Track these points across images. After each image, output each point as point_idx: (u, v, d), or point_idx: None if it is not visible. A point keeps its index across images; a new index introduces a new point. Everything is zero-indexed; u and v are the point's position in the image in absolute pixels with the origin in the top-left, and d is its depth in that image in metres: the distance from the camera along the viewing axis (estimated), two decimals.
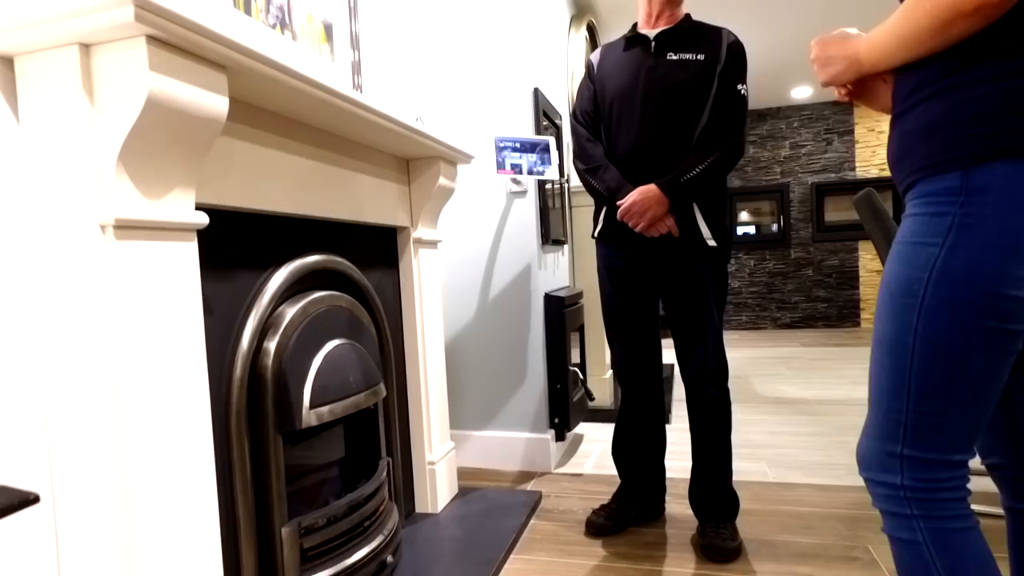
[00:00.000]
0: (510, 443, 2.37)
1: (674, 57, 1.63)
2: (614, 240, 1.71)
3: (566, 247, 2.86)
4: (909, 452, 0.80)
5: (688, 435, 1.78)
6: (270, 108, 1.23)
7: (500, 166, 2.02)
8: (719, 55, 1.62)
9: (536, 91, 2.33)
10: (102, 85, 0.85)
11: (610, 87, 1.70)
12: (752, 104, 6.16)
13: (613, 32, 3.95)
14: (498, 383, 2.39)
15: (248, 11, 1.37)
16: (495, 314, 2.37)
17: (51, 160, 0.87)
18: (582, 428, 2.88)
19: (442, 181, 1.86)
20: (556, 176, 2.06)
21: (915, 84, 0.83)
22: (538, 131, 2.33)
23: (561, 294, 2.44)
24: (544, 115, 2.45)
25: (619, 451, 1.84)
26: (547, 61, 2.64)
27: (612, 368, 1.82)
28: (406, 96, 2.13)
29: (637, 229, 1.60)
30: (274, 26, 1.46)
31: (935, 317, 0.77)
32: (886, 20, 0.83)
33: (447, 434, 2.03)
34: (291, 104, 1.22)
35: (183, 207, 0.96)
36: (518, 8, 2.30)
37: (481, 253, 2.36)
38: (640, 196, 1.57)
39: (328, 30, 1.69)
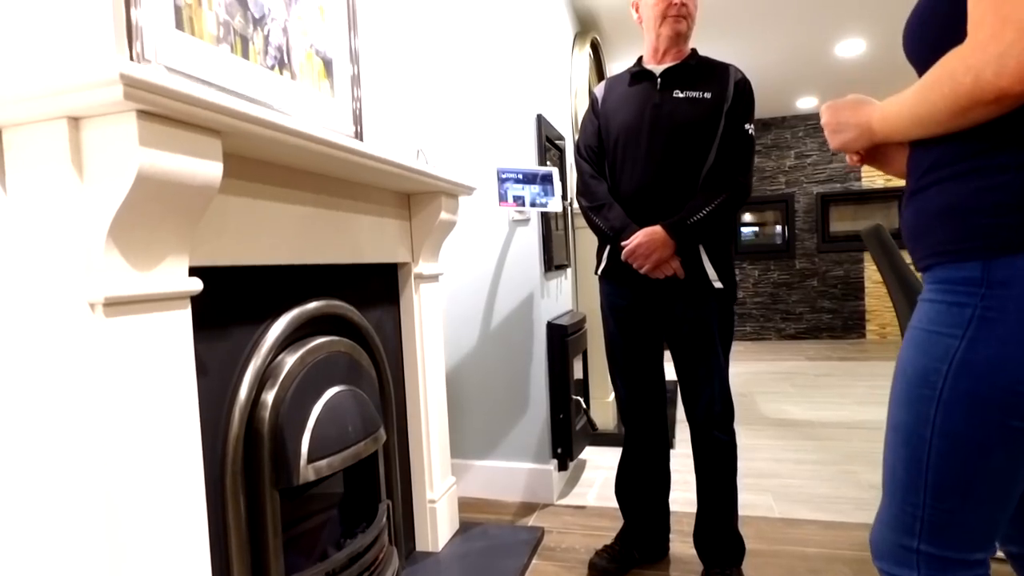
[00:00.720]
0: (512, 473, 2.34)
1: (680, 95, 1.60)
2: (618, 278, 1.68)
3: (569, 270, 2.82)
4: (926, 548, 0.77)
5: (691, 461, 1.74)
6: (267, 160, 1.21)
7: (502, 198, 1.99)
8: (726, 93, 1.59)
9: (539, 117, 2.30)
10: (91, 159, 0.83)
11: (615, 123, 1.67)
12: (757, 114, 6.12)
13: (618, 49, 3.92)
14: (500, 412, 2.36)
15: (246, 54, 1.35)
16: (497, 342, 2.34)
17: (38, 234, 0.84)
18: (585, 453, 2.85)
19: (443, 216, 1.83)
20: (559, 208, 2.03)
21: (932, 162, 0.80)
22: (541, 158, 2.30)
23: (564, 321, 2.41)
24: (547, 140, 2.42)
25: (622, 491, 1.81)
26: (550, 84, 2.62)
27: (616, 405, 1.78)
28: (407, 127, 2.10)
29: (642, 271, 1.58)
30: (272, 67, 1.43)
31: (954, 412, 0.74)
32: (902, 93, 0.80)
33: (448, 469, 2.00)
34: (289, 156, 1.19)
35: (176, 276, 0.94)
36: (521, 32, 2.27)
37: (483, 280, 2.33)
38: (645, 238, 1.54)
39: (328, 65, 1.66)
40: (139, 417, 0.87)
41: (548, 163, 2.48)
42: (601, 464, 2.70)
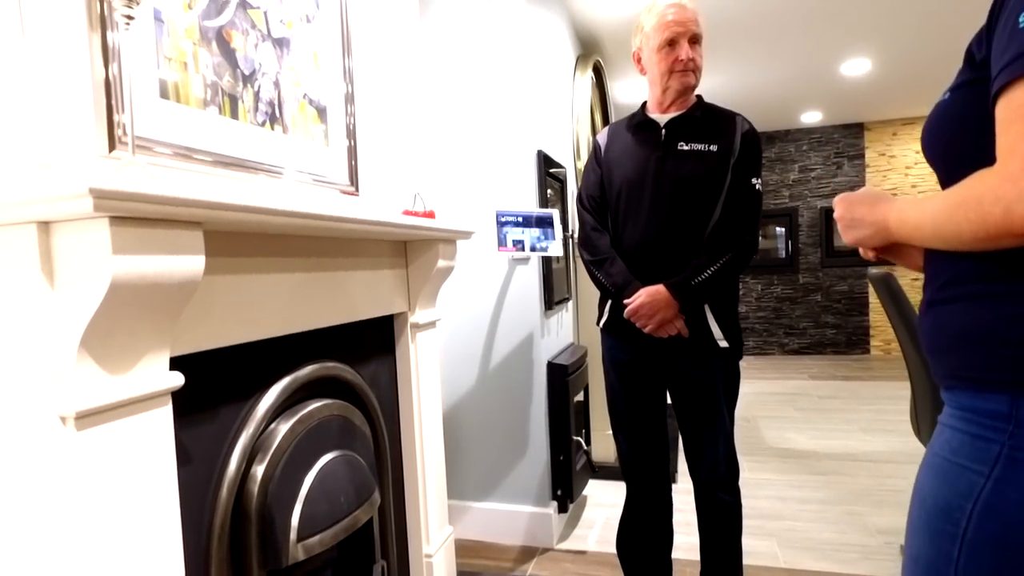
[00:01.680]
0: (511, 516, 2.29)
1: (685, 147, 1.55)
2: (620, 333, 1.63)
3: (570, 303, 2.77)
4: None
5: (692, 497, 1.70)
6: (254, 232, 1.16)
7: (501, 243, 1.94)
8: (733, 146, 1.54)
9: (540, 153, 2.26)
10: (63, 265, 0.78)
11: (618, 174, 1.62)
12: (761, 127, 6.06)
13: (620, 68, 3.86)
14: (499, 453, 2.31)
15: (235, 114, 1.30)
16: (497, 382, 2.30)
17: (6, 343, 0.80)
18: (586, 488, 2.80)
19: (441, 263, 1.78)
20: (559, 252, 1.98)
21: (953, 275, 0.75)
22: (542, 194, 2.25)
23: (564, 360, 2.36)
24: (548, 175, 2.37)
25: (624, 549, 1.76)
26: (551, 115, 2.57)
27: (618, 460, 1.74)
28: (404, 168, 2.05)
29: (645, 331, 1.53)
30: (263, 123, 1.39)
31: (981, 555, 0.69)
32: (924, 201, 0.75)
33: (445, 518, 1.96)
34: (277, 228, 1.14)
35: (155, 374, 0.89)
36: (522, 63, 2.22)
37: (483, 319, 2.28)
38: (649, 298, 1.49)
39: (322, 113, 1.62)
40: (114, 527, 0.82)
41: (549, 192, 2.43)
42: (602, 501, 2.65)
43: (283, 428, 1.28)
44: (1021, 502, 0.66)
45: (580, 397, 2.59)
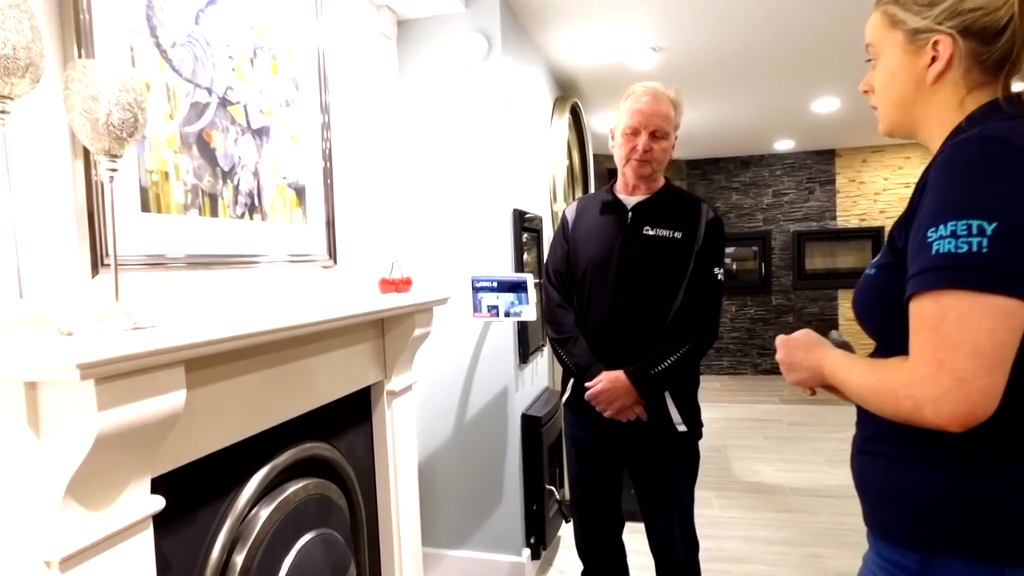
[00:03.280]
0: (486, 564, 2.35)
1: (651, 232, 1.62)
2: (581, 411, 1.69)
3: (546, 348, 2.84)
4: None
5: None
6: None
7: (476, 309, 2.00)
8: (697, 234, 1.61)
9: (515, 212, 2.32)
10: (48, 420, 0.82)
11: (583, 253, 1.68)
12: (736, 152, 6.20)
13: (597, 105, 3.94)
14: (474, 502, 2.37)
15: (215, 212, 1.34)
16: (472, 434, 2.35)
17: None
18: (559, 531, 2.86)
19: (417, 332, 1.83)
20: (533, 317, 2.05)
21: (877, 431, 0.83)
22: (518, 253, 2.31)
23: (537, 410, 2.42)
24: (523, 229, 2.43)
25: None
26: (528, 166, 2.63)
27: (574, 535, 1.80)
28: (382, 235, 2.10)
29: (605, 415, 1.59)
30: (242, 215, 1.43)
31: None
32: (853, 363, 0.82)
33: (420, 573, 2.01)
34: (256, 342, 1.18)
35: (136, 502, 0.93)
36: (499, 118, 2.27)
37: (458, 374, 2.34)
38: (609, 384, 1.55)
39: (300, 193, 1.66)
40: None
41: (525, 237, 2.49)
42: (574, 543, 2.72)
43: (263, 514, 1.32)
44: None
45: (554, 440, 2.65)
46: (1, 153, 0.86)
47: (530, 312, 2.02)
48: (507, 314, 1.99)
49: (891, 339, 0.79)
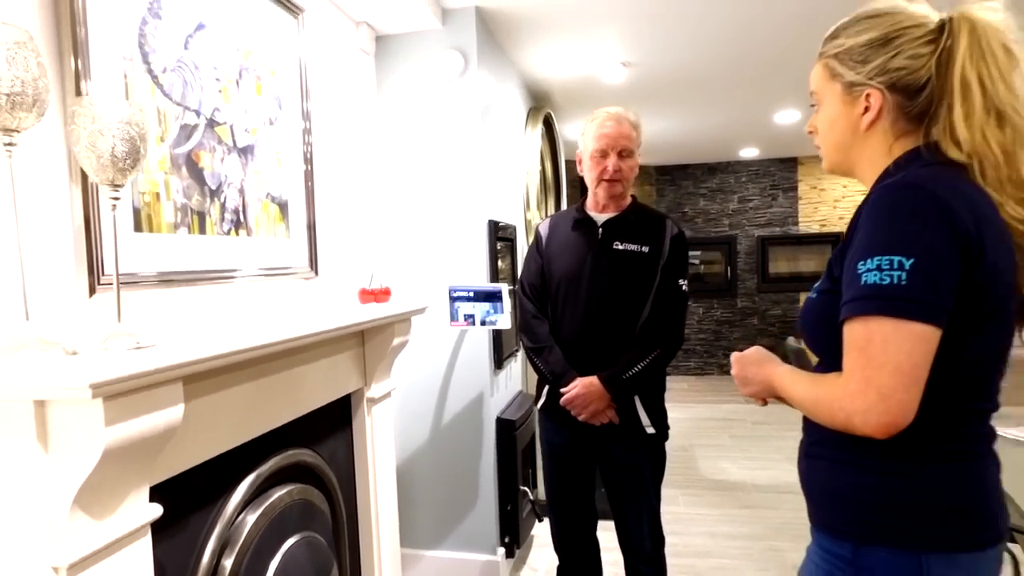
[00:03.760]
0: (462, 563, 2.42)
1: (620, 247, 1.71)
2: (555, 416, 1.78)
3: (520, 353, 2.92)
4: None
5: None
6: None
7: (453, 318, 2.07)
8: (663, 248, 1.71)
9: (490, 223, 2.39)
10: (56, 435, 0.87)
11: (557, 267, 1.77)
12: (703, 159, 6.38)
13: (570, 114, 4.04)
14: (451, 503, 2.44)
15: (203, 229, 1.39)
16: (448, 437, 2.42)
17: (2, 502, 0.88)
18: (532, 530, 2.95)
19: (396, 341, 1.90)
20: (508, 325, 2.13)
21: (819, 437, 0.93)
22: (493, 262, 2.39)
23: (511, 414, 2.51)
24: (498, 239, 2.51)
25: None
26: (503, 176, 2.71)
27: (551, 533, 1.89)
28: (361, 248, 2.16)
29: (580, 419, 1.68)
30: (229, 231, 1.48)
31: None
32: (799, 378, 0.92)
33: (399, 573, 2.07)
34: (246, 357, 1.24)
35: (137, 510, 0.99)
36: (475, 132, 2.34)
37: (435, 379, 2.41)
38: (583, 390, 1.65)
39: (283, 208, 1.71)
40: None
41: (500, 246, 2.57)
42: (547, 542, 2.80)
43: (250, 520, 1.37)
44: None
45: (528, 442, 2.74)
46: (8, 182, 0.91)
47: (505, 320, 2.10)
48: (483, 322, 2.07)
49: (830, 355, 0.89)
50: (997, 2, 0.84)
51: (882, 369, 0.76)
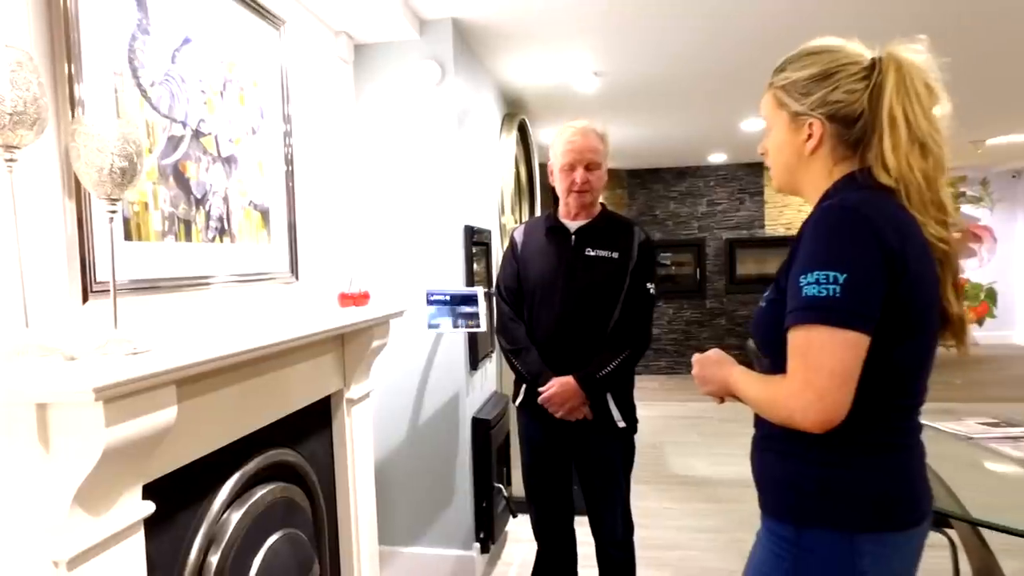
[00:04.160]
0: (438, 559, 2.49)
1: (591, 253, 1.80)
2: (533, 412, 1.86)
3: (495, 354, 3.00)
4: None
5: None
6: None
7: (430, 321, 2.14)
8: (631, 254, 1.80)
9: (466, 228, 2.47)
10: (57, 436, 0.92)
11: (532, 272, 1.85)
12: (673, 163, 6.54)
13: (544, 119, 4.13)
14: (427, 501, 2.51)
15: (189, 236, 1.44)
16: (425, 437, 2.49)
17: (5, 500, 0.93)
18: (506, 526, 3.03)
19: (375, 343, 1.96)
20: (483, 328, 2.20)
21: (768, 432, 1.03)
22: (469, 266, 2.46)
23: (486, 413, 2.58)
24: (474, 243, 2.58)
25: None
26: (478, 181, 2.78)
27: (530, 522, 1.98)
28: (340, 253, 2.21)
29: (556, 416, 1.77)
30: (213, 238, 1.53)
31: None
32: (752, 380, 1.02)
33: (376, 570, 2.13)
34: (234, 361, 1.29)
35: (131, 508, 1.04)
36: (451, 139, 2.41)
37: (413, 380, 2.47)
38: (560, 388, 1.74)
39: (265, 215, 1.76)
40: None
41: (475, 250, 2.65)
42: (521, 537, 2.89)
43: (234, 518, 1.42)
44: None
45: (502, 440, 2.82)
46: (9, 195, 0.95)
47: (480, 323, 2.17)
48: (459, 325, 2.14)
49: (779, 358, 0.99)
50: (920, 44, 0.94)
51: (819, 372, 0.86)
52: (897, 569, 0.96)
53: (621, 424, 1.80)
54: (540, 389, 1.77)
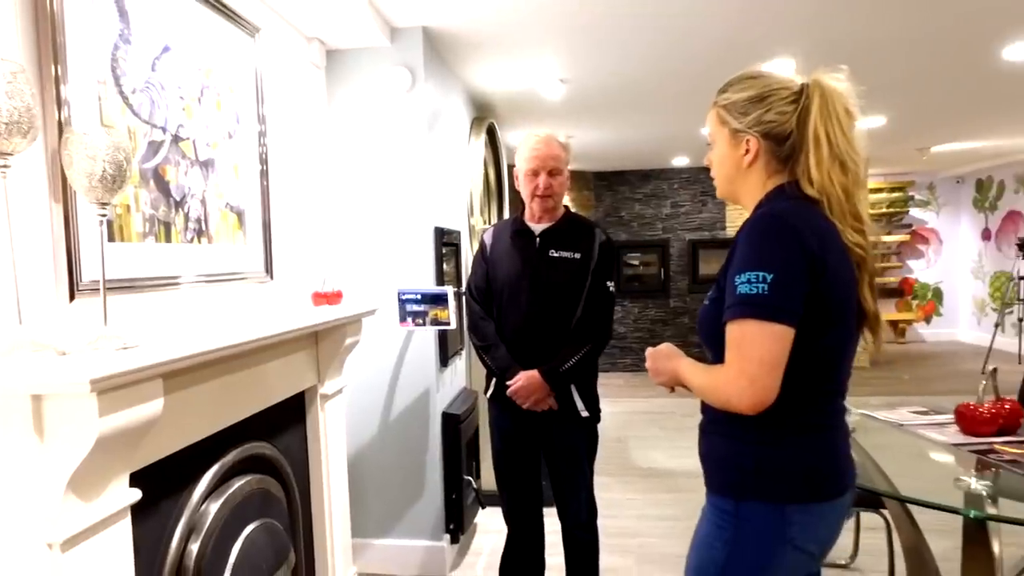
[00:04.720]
0: (409, 550, 2.57)
1: (555, 254, 1.91)
2: (502, 403, 1.96)
3: (464, 351, 3.09)
4: None
5: None
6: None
7: (402, 319, 2.21)
8: (592, 254, 1.92)
9: (436, 230, 2.55)
10: (51, 425, 0.98)
11: (500, 272, 1.95)
12: (638, 166, 6.71)
13: (512, 123, 4.23)
14: (398, 494, 2.58)
15: (168, 238, 1.49)
16: (396, 431, 2.56)
17: (1, 485, 0.98)
18: (475, 518, 3.12)
19: (348, 340, 2.03)
20: (453, 325, 2.29)
21: (712, 416, 1.14)
22: (439, 266, 2.55)
23: (456, 408, 2.67)
24: (444, 244, 2.66)
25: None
26: (448, 183, 2.87)
27: (501, 507, 2.07)
28: (314, 253, 2.27)
29: (523, 407, 1.87)
30: (191, 240, 1.58)
31: None
32: (698, 370, 1.13)
33: (349, 560, 2.20)
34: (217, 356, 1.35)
35: (119, 494, 1.10)
36: (421, 142, 2.49)
37: (384, 376, 2.54)
38: (526, 382, 1.84)
39: (241, 216, 1.82)
40: None
41: (444, 251, 2.73)
42: (489, 528, 2.99)
43: (213, 508, 1.48)
44: (741, 568, 1.05)
45: (471, 435, 2.90)
46: (2, 199, 1.01)
47: (451, 321, 2.26)
48: (430, 323, 2.22)
49: (719, 350, 1.10)
50: (842, 73, 1.07)
51: (751, 361, 0.97)
52: (823, 535, 1.09)
53: (584, 414, 1.91)
54: (508, 383, 1.87)
